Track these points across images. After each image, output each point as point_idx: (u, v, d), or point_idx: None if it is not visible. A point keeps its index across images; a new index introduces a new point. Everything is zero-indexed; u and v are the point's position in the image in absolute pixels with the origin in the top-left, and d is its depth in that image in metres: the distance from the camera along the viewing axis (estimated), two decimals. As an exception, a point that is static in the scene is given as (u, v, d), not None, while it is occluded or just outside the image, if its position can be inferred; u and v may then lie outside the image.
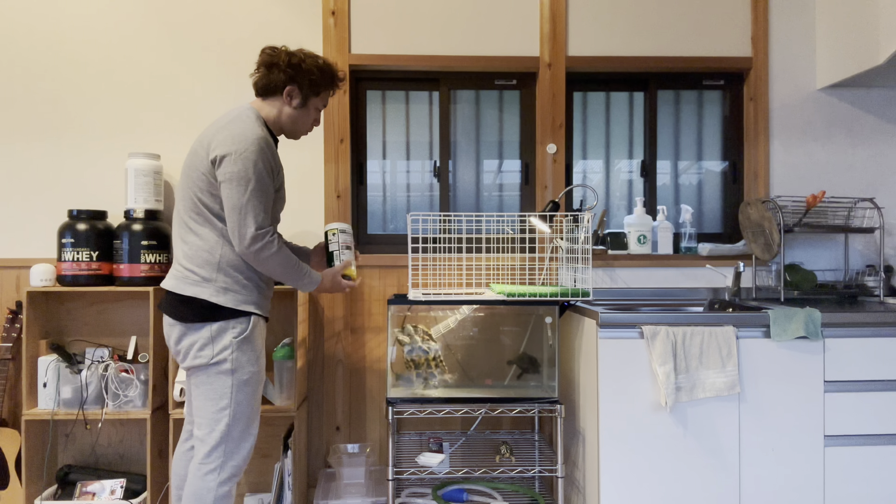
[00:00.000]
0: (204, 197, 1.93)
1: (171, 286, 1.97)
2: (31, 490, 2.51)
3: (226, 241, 1.94)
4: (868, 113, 2.94)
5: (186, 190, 1.96)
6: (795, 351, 2.21)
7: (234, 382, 1.94)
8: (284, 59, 1.99)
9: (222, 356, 1.92)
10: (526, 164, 2.98)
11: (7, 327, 2.59)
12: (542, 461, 2.54)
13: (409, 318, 2.43)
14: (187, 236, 1.96)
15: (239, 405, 1.94)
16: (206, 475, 1.91)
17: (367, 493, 2.48)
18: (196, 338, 1.93)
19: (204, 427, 1.94)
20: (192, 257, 1.94)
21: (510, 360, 2.41)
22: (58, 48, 2.75)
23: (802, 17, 2.93)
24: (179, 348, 1.97)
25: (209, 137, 1.94)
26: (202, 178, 1.92)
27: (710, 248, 2.83)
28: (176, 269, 1.98)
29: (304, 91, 2.02)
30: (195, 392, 1.97)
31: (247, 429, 1.97)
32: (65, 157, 2.75)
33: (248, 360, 1.96)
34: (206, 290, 1.92)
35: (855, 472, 2.22)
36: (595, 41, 2.89)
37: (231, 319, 1.94)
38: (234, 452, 1.95)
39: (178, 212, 2.00)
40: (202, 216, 1.94)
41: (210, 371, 1.94)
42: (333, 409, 2.82)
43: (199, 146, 1.96)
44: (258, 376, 1.99)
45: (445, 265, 2.81)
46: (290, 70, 1.98)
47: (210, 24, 2.79)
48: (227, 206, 1.89)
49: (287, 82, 1.99)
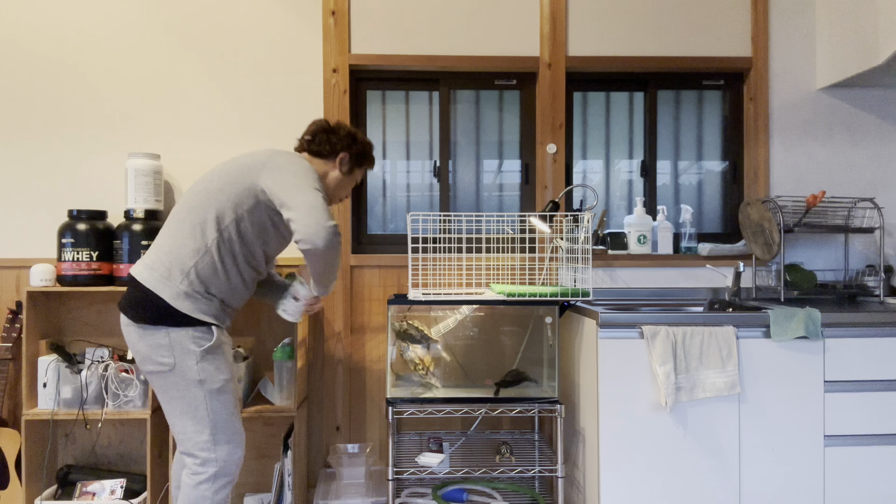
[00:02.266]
0: (224, 208, 1.92)
1: (136, 272, 1.93)
2: (31, 490, 2.51)
3: (207, 254, 1.91)
4: (868, 113, 2.94)
5: (204, 199, 1.94)
6: (795, 351, 2.21)
7: (205, 393, 1.90)
8: (344, 129, 2.17)
9: (187, 366, 1.89)
10: (526, 164, 2.98)
11: (7, 327, 2.59)
12: (542, 461, 2.54)
13: (408, 317, 2.43)
14: (177, 232, 1.94)
15: (216, 413, 1.91)
16: (200, 485, 1.90)
17: (367, 493, 2.48)
18: (153, 341, 1.89)
19: (187, 442, 1.92)
20: (170, 252, 1.92)
21: (497, 382, 2.41)
22: (58, 48, 2.75)
23: (802, 17, 2.93)
24: (138, 350, 1.92)
25: (262, 157, 1.97)
26: (243, 191, 1.93)
27: (710, 248, 2.83)
28: (148, 258, 1.95)
29: (353, 161, 2.17)
30: (168, 407, 1.93)
31: (231, 434, 1.94)
32: (65, 157, 2.75)
33: (217, 369, 1.92)
34: (166, 290, 1.88)
35: (855, 472, 2.22)
36: (595, 41, 2.89)
37: (189, 328, 1.89)
38: (225, 460, 1.92)
39: (179, 212, 1.98)
40: (202, 225, 1.92)
41: (177, 382, 1.89)
42: (333, 409, 2.82)
43: (249, 161, 1.96)
44: (230, 383, 1.96)
45: (445, 265, 2.81)
46: (348, 139, 2.14)
47: (210, 24, 2.79)
48: (293, 201, 1.86)
49: (343, 149, 2.14)
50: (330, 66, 2.80)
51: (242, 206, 1.93)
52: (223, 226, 1.93)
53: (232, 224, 1.93)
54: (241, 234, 1.95)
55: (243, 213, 1.94)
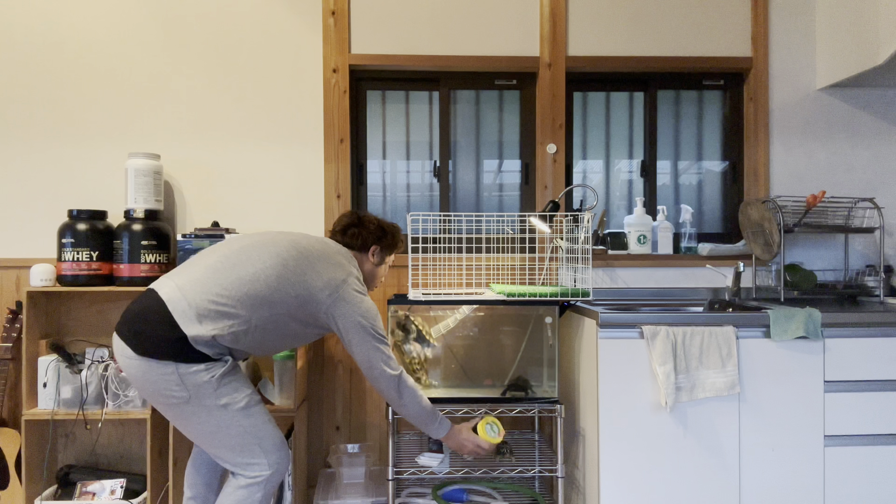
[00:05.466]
0: (285, 300, 1.90)
1: (166, 293, 1.83)
2: (31, 490, 2.51)
3: (246, 324, 1.86)
4: (868, 113, 2.94)
5: (274, 280, 1.90)
6: (795, 351, 2.21)
7: (232, 414, 1.84)
8: (372, 222, 2.23)
9: (205, 394, 1.81)
10: (526, 164, 2.98)
11: (7, 327, 2.59)
12: (542, 461, 2.54)
13: (410, 314, 2.43)
14: (239, 291, 1.85)
15: (255, 428, 1.87)
16: (250, 487, 1.87)
17: (367, 493, 2.48)
18: (160, 376, 1.79)
19: (227, 464, 1.88)
20: (218, 296, 1.84)
21: (503, 387, 2.41)
22: (58, 48, 2.75)
23: (802, 18, 2.93)
24: (142, 386, 1.82)
25: (337, 281, 1.97)
26: (308, 304, 1.93)
27: (710, 248, 2.83)
28: (181, 280, 1.86)
29: (384, 251, 2.26)
30: (193, 434, 1.86)
31: (276, 440, 1.91)
32: (65, 157, 2.75)
33: (237, 389, 1.86)
34: (192, 328, 1.79)
35: (855, 472, 2.22)
36: (595, 41, 2.89)
37: (202, 363, 1.81)
38: (278, 463, 1.90)
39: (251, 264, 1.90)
40: (259, 302, 1.87)
41: (196, 411, 1.82)
42: (333, 409, 2.82)
43: (323, 282, 1.95)
44: (255, 395, 1.91)
45: (445, 265, 2.81)
46: (378, 232, 2.22)
47: (210, 24, 2.79)
48: (359, 352, 1.99)
49: (374, 242, 2.22)
50: (330, 66, 2.80)
51: (302, 311, 1.92)
52: (276, 312, 1.89)
53: (283, 317, 1.91)
54: (287, 324, 1.94)
55: (300, 316, 1.94)
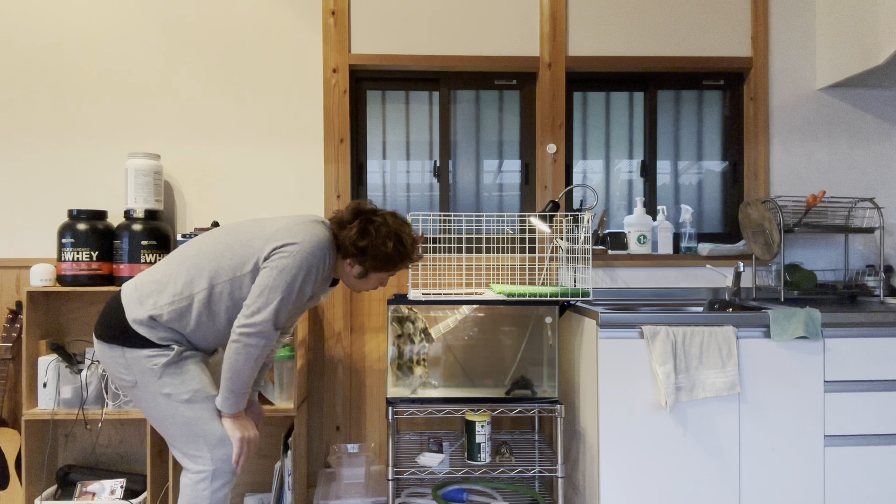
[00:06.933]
0: (224, 267, 1.88)
1: (125, 284, 1.93)
2: (31, 490, 2.51)
3: (187, 300, 1.87)
4: (868, 113, 2.94)
5: (212, 249, 1.91)
6: (795, 351, 2.21)
7: (175, 404, 1.87)
8: (353, 238, 2.01)
9: (149, 381, 1.85)
10: (526, 164, 2.98)
11: (7, 327, 2.59)
12: (542, 461, 2.54)
13: (412, 312, 2.43)
14: (175, 268, 1.90)
15: (197, 420, 1.88)
16: (198, 484, 1.88)
17: (367, 493, 2.48)
18: (111, 359, 1.88)
19: (173, 449, 1.92)
20: (158, 282, 1.88)
21: (507, 387, 2.41)
22: (58, 48, 2.75)
23: (802, 17, 2.93)
24: (104, 365, 1.91)
25: (272, 229, 1.91)
26: (247, 256, 1.89)
27: (710, 248, 2.83)
28: (141, 276, 1.93)
29: (365, 268, 2.03)
30: (147, 416, 1.92)
31: (221, 437, 1.89)
32: (65, 158, 2.75)
33: (182, 382, 1.87)
34: (133, 311, 1.86)
35: (855, 472, 2.22)
36: (595, 41, 2.89)
37: (145, 349, 1.85)
38: (221, 460, 1.89)
39: (189, 248, 1.93)
40: (197, 274, 1.89)
41: (144, 396, 1.87)
42: (333, 409, 2.82)
43: (265, 231, 1.92)
44: (203, 391, 1.89)
45: (445, 265, 2.81)
46: (358, 252, 1.98)
47: (210, 24, 2.79)
48: (258, 299, 1.84)
49: (350, 256, 2.00)
50: (330, 65, 2.80)
51: (242, 269, 1.90)
52: (216, 282, 1.88)
53: (225, 284, 1.89)
54: (231, 294, 1.90)
55: (240, 276, 1.90)
